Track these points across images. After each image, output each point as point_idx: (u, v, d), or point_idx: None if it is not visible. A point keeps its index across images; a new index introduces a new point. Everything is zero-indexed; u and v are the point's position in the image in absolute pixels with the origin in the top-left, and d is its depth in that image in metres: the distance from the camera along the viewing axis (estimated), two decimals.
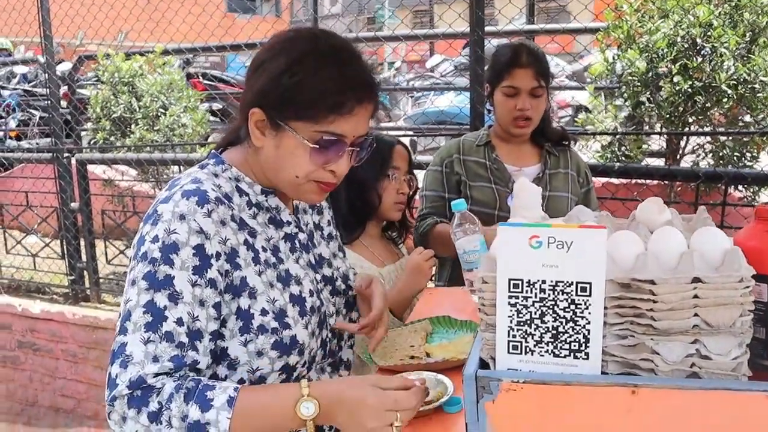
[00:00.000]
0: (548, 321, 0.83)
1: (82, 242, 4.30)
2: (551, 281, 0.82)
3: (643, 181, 3.15)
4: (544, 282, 0.82)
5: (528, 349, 0.84)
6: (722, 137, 3.06)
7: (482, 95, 2.88)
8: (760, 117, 2.87)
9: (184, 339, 0.95)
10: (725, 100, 2.79)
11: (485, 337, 0.87)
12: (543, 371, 0.83)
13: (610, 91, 3.43)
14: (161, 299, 0.96)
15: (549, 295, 0.82)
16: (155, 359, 0.93)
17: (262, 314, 1.05)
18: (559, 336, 0.83)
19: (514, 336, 0.84)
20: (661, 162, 3.47)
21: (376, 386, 0.93)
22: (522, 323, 0.84)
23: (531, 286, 0.82)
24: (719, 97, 2.78)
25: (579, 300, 0.81)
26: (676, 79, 2.82)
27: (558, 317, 0.82)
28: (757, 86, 2.78)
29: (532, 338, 0.84)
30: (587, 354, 0.82)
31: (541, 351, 0.83)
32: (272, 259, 1.10)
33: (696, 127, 3.03)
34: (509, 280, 0.83)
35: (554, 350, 0.83)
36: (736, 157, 3.07)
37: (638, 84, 2.95)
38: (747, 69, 2.75)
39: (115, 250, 4.35)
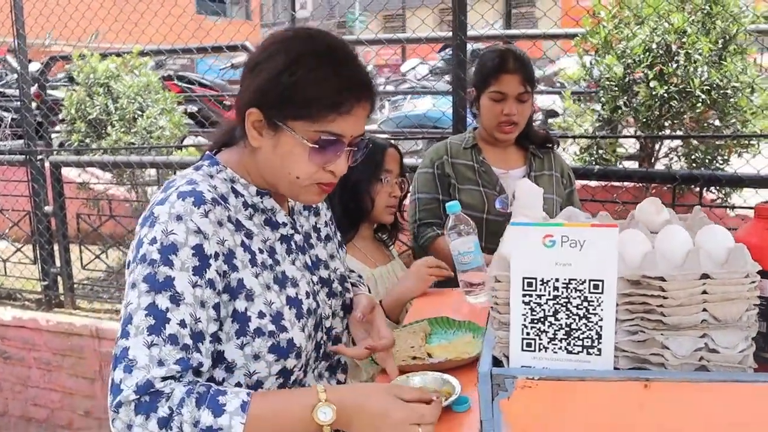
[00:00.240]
0: (561, 318, 0.85)
1: (56, 247, 4.20)
2: (564, 279, 0.84)
3: (620, 183, 3.22)
4: (557, 280, 0.84)
5: (541, 346, 0.86)
6: (695, 141, 3.16)
7: (464, 99, 2.91)
8: (732, 121, 2.96)
9: (188, 341, 0.94)
10: (699, 104, 2.88)
11: (498, 335, 0.88)
12: (556, 368, 0.85)
13: (587, 96, 3.51)
14: (163, 301, 0.94)
15: (562, 292, 0.84)
16: (160, 363, 0.90)
17: (259, 317, 1.04)
18: (572, 333, 0.85)
19: (528, 333, 0.86)
20: (635, 165, 3.56)
21: (398, 397, 0.93)
22: (536, 321, 0.85)
23: (545, 284, 0.84)
24: (694, 102, 2.86)
25: (591, 297, 0.83)
26: (652, 84, 2.90)
27: (571, 314, 0.84)
28: (729, 91, 2.88)
29: (546, 335, 0.85)
30: (600, 350, 0.84)
31: (554, 348, 0.85)
32: (269, 261, 1.09)
33: (670, 131, 3.11)
34: (523, 278, 0.85)
35: (567, 347, 0.85)
36: (707, 160, 3.16)
37: (616, 89, 3.02)
38: (720, 75, 2.84)
39: (91, 254, 4.25)
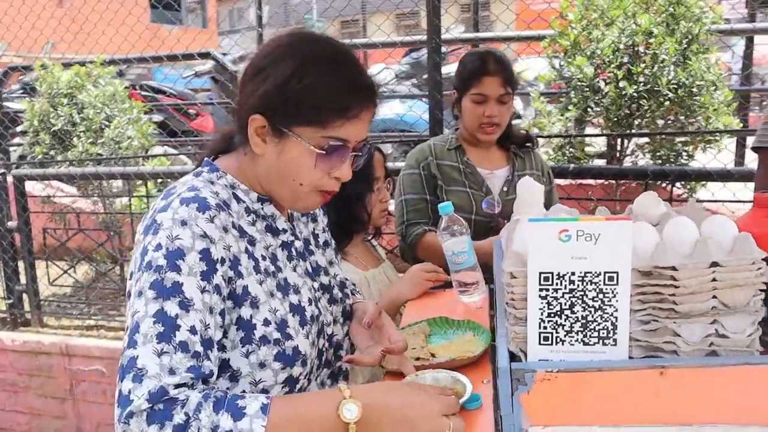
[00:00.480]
0: (578, 311, 0.86)
1: (20, 263, 4.05)
2: (580, 272, 0.85)
3: (592, 180, 3.31)
4: (573, 273, 0.86)
5: (558, 340, 0.87)
6: (658, 138, 3.27)
7: (441, 102, 2.94)
8: (698, 118, 3.07)
9: (198, 348, 0.91)
10: (667, 103, 2.97)
11: (515, 330, 0.90)
12: (573, 360, 0.87)
13: (556, 96, 3.59)
14: (172, 307, 0.91)
15: (578, 285, 0.86)
16: (172, 371, 0.87)
17: (265, 324, 1.02)
18: (588, 324, 0.87)
19: (545, 327, 0.87)
20: (603, 162, 3.66)
21: (422, 391, 0.93)
22: (552, 314, 0.87)
23: (561, 279, 0.86)
24: (662, 100, 2.96)
25: (607, 289, 0.85)
26: (621, 84, 2.98)
27: (587, 306, 0.86)
28: (695, 89, 2.99)
29: (563, 328, 0.87)
30: (615, 340, 0.86)
31: (571, 340, 0.87)
32: (271, 268, 1.08)
33: (638, 129, 3.21)
34: (540, 273, 0.86)
35: (584, 339, 0.87)
36: (673, 156, 3.28)
37: (586, 89, 3.10)
38: (685, 74, 2.95)
39: (58, 270, 4.12)
